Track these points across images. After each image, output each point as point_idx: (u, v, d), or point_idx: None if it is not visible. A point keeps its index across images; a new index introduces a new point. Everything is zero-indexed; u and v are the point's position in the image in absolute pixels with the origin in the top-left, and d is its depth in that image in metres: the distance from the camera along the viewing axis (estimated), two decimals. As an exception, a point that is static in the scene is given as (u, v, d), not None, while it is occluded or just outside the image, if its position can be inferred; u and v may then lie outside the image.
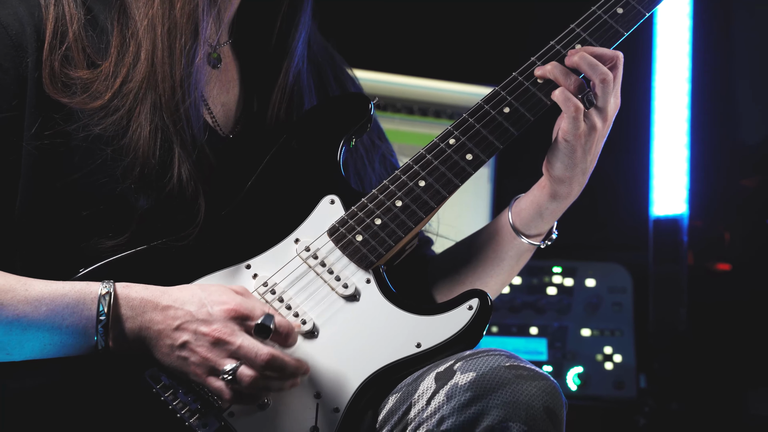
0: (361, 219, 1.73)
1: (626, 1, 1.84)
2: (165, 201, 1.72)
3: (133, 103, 1.72)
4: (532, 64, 1.81)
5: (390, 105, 3.49)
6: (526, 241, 1.88)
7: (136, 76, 1.72)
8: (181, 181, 1.72)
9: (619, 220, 3.73)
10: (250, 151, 1.84)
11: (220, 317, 1.59)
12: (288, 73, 1.90)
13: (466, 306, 1.68)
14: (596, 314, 3.41)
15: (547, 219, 1.86)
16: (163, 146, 1.72)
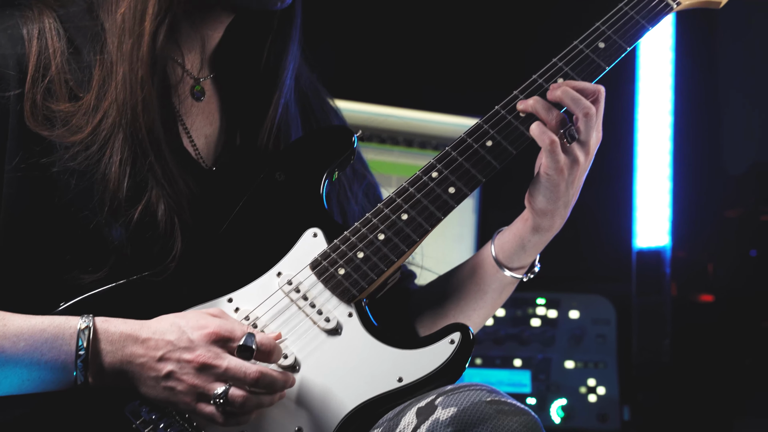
0: (344, 252, 1.73)
1: (608, 35, 1.85)
2: (141, 235, 1.72)
3: (107, 137, 1.72)
4: (514, 98, 1.81)
5: (375, 136, 3.50)
6: (509, 274, 1.88)
7: (113, 111, 1.72)
8: (156, 216, 1.72)
9: (603, 251, 3.74)
10: (232, 183, 1.83)
11: (201, 342, 1.58)
12: (278, 105, 1.90)
13: (448, 340, 1.68)
14: (580, 346, 3.41)
15: (529, 252, 1.86)
16: (136, 181, 1.72)
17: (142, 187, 1.73)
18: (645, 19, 1.87)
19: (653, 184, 3.50)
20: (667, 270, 3.45)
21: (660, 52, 3.55)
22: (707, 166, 3.73)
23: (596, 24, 1.87)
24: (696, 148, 3.63)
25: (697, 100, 3.67)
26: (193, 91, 1.88)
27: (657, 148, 3.51)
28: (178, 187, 1.75)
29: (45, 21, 1.77)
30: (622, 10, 1.87)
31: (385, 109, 3.53)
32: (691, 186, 3.55)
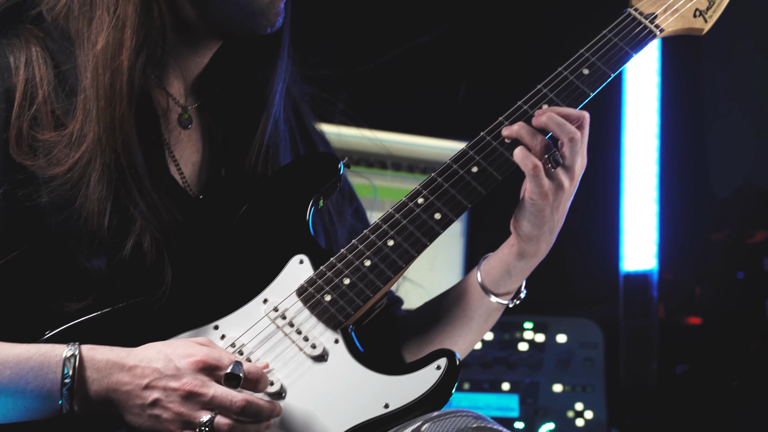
0: (330, 279, 1.73)
1: (592, 62, 1.86)
2: (127, 266, 1.72)
3: (85, 173, 1.71)
4: (499, 124, 1.82)
5: (363, 160, 3.50)
6: (495, 300, 1.89)
7: (92, 147, 1.71)
8: (142, 247, 1.71)
9: (590, 275, 3.75)
10: (219, 211, 1.84)
11: (188, 370, 1.58)
12: (267, 125, 1.90)
13: (435, 366, 1.68)
14: (568, 370, 3.41)
15: (515, 277, 1.87)
16: (120, 214, 1.72)
17: (126, 219, 1.72)
18: (628, 46, 1.88)
19: (640, 208, 3.52)
20: (654, 293, 3.46)
21: (646, 76, 3.57)
22: (693, 190, 3.75)
23: (580, 51, 1.88)
24: (682, 171, 3.65)
25: (683, 124, 3.69)
26: (180, 119, 1.88)
27: (643, 171, 3.52)
28: (163, 219, 1.74)
29: (32, 49, 1.77)
30: (605, 37, 1.88)
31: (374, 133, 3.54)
32: (677, 209, 3.56)
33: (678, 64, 3.64)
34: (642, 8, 1.93)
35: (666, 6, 1.94)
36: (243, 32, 1.84)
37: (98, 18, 1.73)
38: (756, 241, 3.57)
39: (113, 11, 1.72)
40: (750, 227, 3.59)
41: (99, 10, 1.73)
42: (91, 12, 1.74)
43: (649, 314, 3.45)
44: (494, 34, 3.89)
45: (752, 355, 3.49)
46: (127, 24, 1.72)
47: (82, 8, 1.75)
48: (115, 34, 1.72)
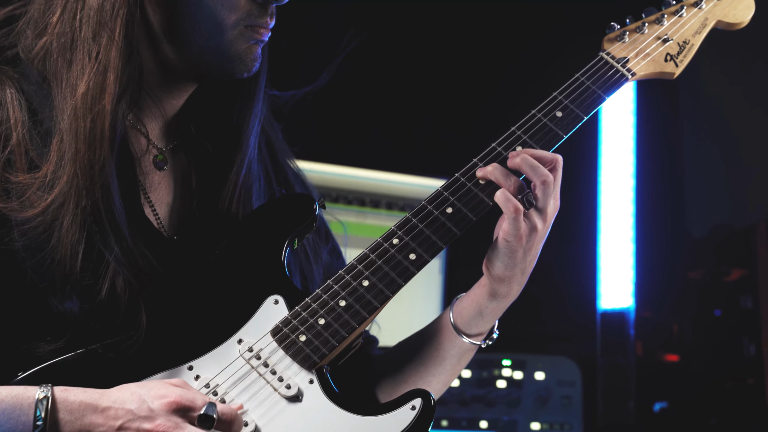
0: (305, 319, 1.74)
1: (565, 104, 1.88)
2: (101, 309, 1.71)
3: (57, 216, 1.70)
4: (474, 165, 1.84)
5: (342, 197, 3.52)
6: (467, 340, 1.90)
7: (66, 190, 1.71)
8: (115, 290, 1.71)
9: (568, 313, 3.77)
10: (194, 251, 1.84)
11: (162, 411, 1.57)
12: (241, 167, 1.91)
13: (409, 406, 1.68)
14: (546, 407, 3.42)
15: (487, 318, 1.88)
16: (92, 257, 1.71)
17: (99, 262, 1.72)
18: (601, 89, 1.90)
19: (617, 247, 3.55)
20: (631, 331, 3.48)
21: (622, 115, 3.61)
22: (670, 229, 3.78)
23: (554, 93, 1.90)
24: (658, 210, 3.68)
25: (659, 163, 3.73)
26: (155, 160, 1.89)
27: (620, 210, 3.56)
28: (137, 263, 1.74)
29: (6, 91, 1.77)
30: (578, 80, 1.91)
31: (352, 171, 3.56)
32: (654, 248, 3.59)
33: (653, 104, 3.68)
34: (614, 52, 1.96)
35: (638, 50, 1.97)
36: (220, 76, 1.85)
37: (79, 61, 1.74)
38: (732, 279, 3.60)
39: (95, 56, 1.73)
40: (726, 266, 3.62)
41: (80, 53, 1.74)
42: (71, 55, 1.75)
43: (626, 352, 3.47)
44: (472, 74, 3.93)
45: (729, 393, 3.51)
46: (110, 69, 1.73)
47: (61, 51, 1.76)
48: (96, 78, 1.72)
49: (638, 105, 3.60)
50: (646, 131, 3.60)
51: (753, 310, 3.45)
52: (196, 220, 1.89)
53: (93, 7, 1.74)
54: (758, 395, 3.38)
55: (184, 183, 1.92)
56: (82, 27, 1.74)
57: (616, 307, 3.51)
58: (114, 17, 1.73)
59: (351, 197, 3.53)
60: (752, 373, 3.43)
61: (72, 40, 1.75)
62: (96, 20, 1.73)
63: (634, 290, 3.51)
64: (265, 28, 1.84)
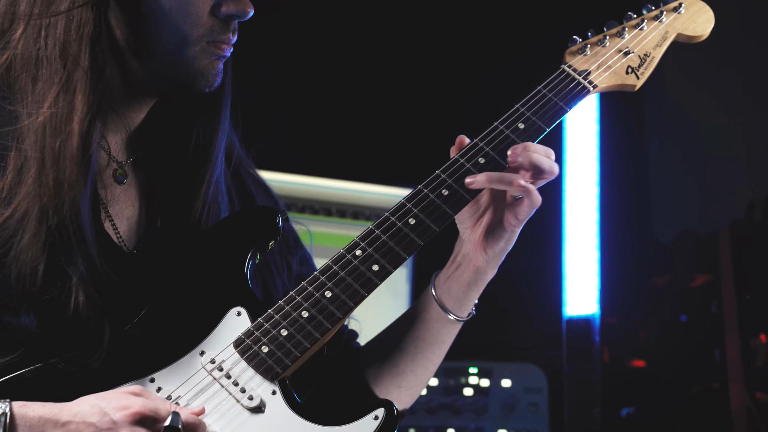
0: (267, 330, 1.74)
1: (527, 116, 1.90)
2: (60, 323, 1.70)
3: (16, 231, 1.69)
4: (437, 177, 1.86)
5: (308, 207, 3.52)
6: (454, 317, 1.93)
7: (27, 206, 1.70)
8: (78, 308, 1.70)
9: (534, 320, 3.80)
10: (155, 265, 1.84)
11: (124, 423, 1.57)
12: (210, 183, 1.91)
13: (372, 416, 1.69)
14: (512, 415, 3.44)
15: (476, 294, 1.92)
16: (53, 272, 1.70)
17: (60, 279, 1.71)
18: (563, 102, 1.92)
19: (581, 254, 3.57)
20: (597, 337, 3.50)
21: (585, 123, 3.64)
22: (634, 235, 3.81)
23: (516, 106, 1.92)
24: (623, 217, 3.71)
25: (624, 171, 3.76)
26: (115, 174, 1.89)
27: (584, 218, 3.58)
28: (99, 279, 1.74)
29: None
30: (540, 93, 1.93)
31: (317, 180, 3.57)
32: (619, 254, 3.62)
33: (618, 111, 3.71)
34: (576, 65, 1.98)
35: (599, 63, 1.99)
36: (183, 90, 1.85)
37: (44, 80, 1.72)
38: (697, 284, 3.63)
39: (61, 77, 1.71)
40: (691, 272, 3.65)
41: (45, 71, 1.73)
42: (36, 71, 1.73)
43: (592, 358, 3.49)
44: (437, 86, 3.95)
45: (696, 398, 3.54)
46: (77, 90, 1.72)
47: (26, 67, 1.74)
48: (65, 97, 1.71)
49: (602, 112, 3.63)
50: (610, 138, 3.63)
51: (717, 316, 3.49)
52: (157, 234, 1.89)
53: (58, 25, 1.72)
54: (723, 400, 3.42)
55: (144, 197, 1.92)
56: (47, 45, 1.73)
57: (581, 313, 3.54)
58: (80, 36, 1.72)
59: (317, 207, 3.54)
60: (717, 378, 3.46)
61: (37, 58, 1.74)
62: (62, 39, 1.72)
63: (599, 297, 3.53)
64: (227, 44, 1.84)
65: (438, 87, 3.95)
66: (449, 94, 3.93)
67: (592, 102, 3.61)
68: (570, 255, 3.58)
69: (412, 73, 3.95)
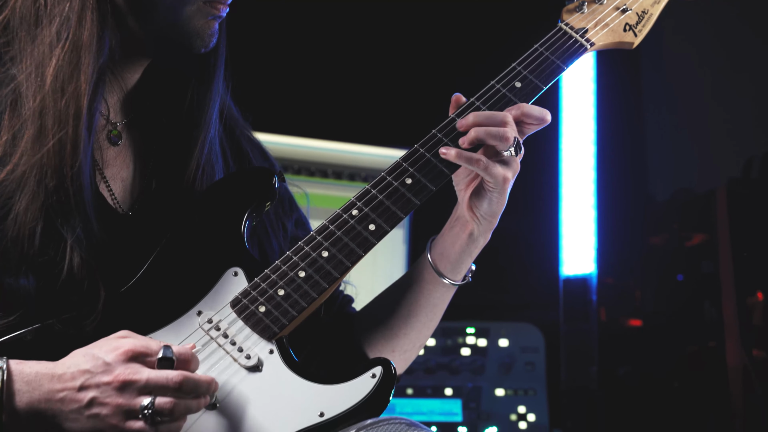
0: (264, 290, 1.75)
1: (524, 75, 1.89)
2: (57, 285, 1.71)
3: (13, 191, 1.70)
4: (432, 137, 1.85)
5: (304, 168, 3.52)
6: (450, 281, 1.92)
7: (25, 168, 1.70)
8: (72, 269, 1.71)
9: (530, 280, 3.81)
10: (150, 227, 1.83)
11: (118, 361, 1.58)
12: (204, 145, 1.90)
13: (370, 374, 1.70)
14: (510, 374, 3.45)
15: (470, 258, 1.91)
16: (49, 233, 1.71)
17: (56, 238, 1.71)
18: (560, 60, 1.91)
19: (578, 213, 3.57)
20: (594, 297, 3.51)
21: (582, 81, 3.62)
22: (631, 194, 3.81)
23: (513, 64, 1.91)
24: (620, 176, 3.71)
25: (621, 129, 3.75)
26: (110, 135, 1.88)
27: (581, 177, 3.58)
28: (95, 239, 1.74)
29: None
30: (537, 51, 1.92)
31: (313, 142, 3.56)
32: (615, 214, 3.62)
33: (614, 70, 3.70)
34: (573, 23, 1.97)
35: (596, 21, 1.98)
36: (178, 50, 1.85)
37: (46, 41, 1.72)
38: (694, 243, 3.64)
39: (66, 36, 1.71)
40: (688, 231, 3.66)
41: (46, 30, 1.72)
42: (36, 30, 1.73)
43: (588, 318, 3.50)
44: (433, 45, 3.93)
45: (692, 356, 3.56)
46: (83, 48, 1.72)
47: (24, 27, 1.74)
48: (70, 57, 1.71)
49: (599, 71, 3.62)
50: (607, 97, 3.62)
51: (713, 275, 3.50)
52: (151, 196, 1.89)
53: None
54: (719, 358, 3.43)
55: (139, 159, 1.91)
56: (47, 4, 1.72)
57: (578, 273, 3.54)
58: None
59: (313, 169, 3.53)
60: (713, 336, 3.47)
61: (36, 17, 1.73)
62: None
63: (596, 256, 3.54)
64: (223, 4, 1.84)
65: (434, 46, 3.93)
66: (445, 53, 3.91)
67: (589, 61, 3.59)
68: (567, 215, 3.58)
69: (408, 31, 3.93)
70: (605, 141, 3.59)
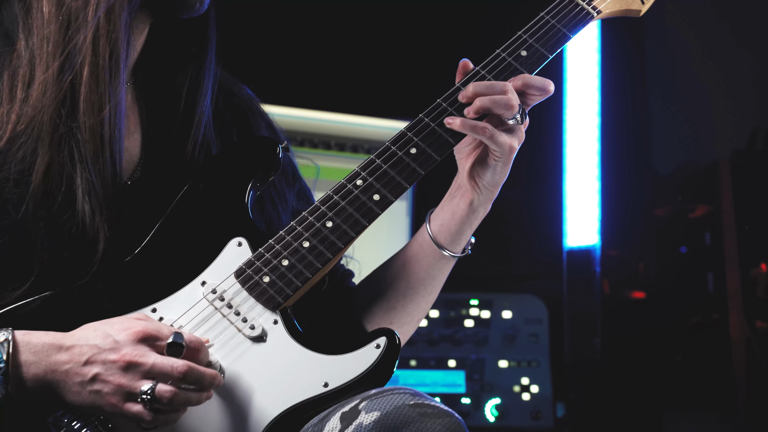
0: (268, 260, 1.74)
1: (530, 44, 1.88)
2: (67, 245, 1.71)
3: (27, 144, 1.71)
4: (437, 106, 1.84)
5: (307, 140, 3.51)
6: (449, 253, 1.90)
7: (40, 119, 1.71)
8: (84, 223, 1.71)
9: (535, 251, 3.80)
10: (152, 196, 1.83)
11: (127, 341, 1.58)
12: (203, 114, 1.90)
13: (374, 345, 1.70)
14: (513, 346, 3.45)
15: (470, 229, 1.90)
16: (64, 186, 1.72)
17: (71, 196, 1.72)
18: (566, 28, 1.90)
19: (582, 185, 3.56)
20: (597, 268, 3.51)
21: (587, 53, 3.61)
22: (635, 166, 3.80)
23: (518, 33, 1.90)
24: (624, 148, 3.69)
25: (625, 101, 3.74)
26: None
27: (585, 148, 3.57)
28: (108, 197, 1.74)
29: None
30: (543, 19, 1.90)
31: (316, 114, 3.55)
32: (619, 185, 3.61)
33: (619, 41, 3.68)
34: (580, -10, 1.95)
35: (603, -12, 1.96)
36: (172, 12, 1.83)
37: None
38: (697, 215, 3.63)
39: None
40: (691, 202, 3.65)
41: None
42: None
43: (592, 290, 3.50)
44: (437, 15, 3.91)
45: (695, 328, 3.56)
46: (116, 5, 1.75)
47: None
48: None
49: (603, 42, 3.60)
50: (611, 69, 3.60)
51: (717, 247, 3.49)
52: (151, 165, 1.88)
53: None
54: (722, 330, 3.43)
55: (138, 128, 1.91)
56: None
57: (582, 245, 3.53)
58: None
59: (316, 140, 3.52)
60: (717, 308, 3.47)
61: None
62: None
63: (599, 228, 3.53)
64: None
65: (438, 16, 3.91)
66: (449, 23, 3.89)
67: (593, 32, 3.57)
68: (571, 186, 3.57)
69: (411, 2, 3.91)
70: (609, 112, 3.58)
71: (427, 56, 3.80)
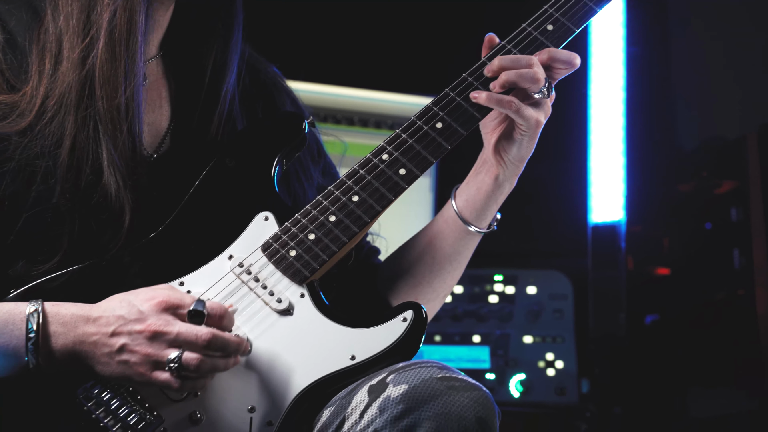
0: (295, 234, 1.75)
1: (556, 18, 1.87)
2: (95, 217, 1.73)
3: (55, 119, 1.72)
4: (463, 80, 1.84)
5: (330, 116, 3.51)
6: (475, 229, 1.91)
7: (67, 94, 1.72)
8: (110, 195, 1.72)
9: (559, 227, 3.79)
10: (178, 170, 1.84)
11: (152, 311, 1.60)
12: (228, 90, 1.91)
13: (401, 318, 1.70)
14: (538, 321, 3.45)
15: (496, 204, 1.91)
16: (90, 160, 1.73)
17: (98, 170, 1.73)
18: (592, 2, 1.89)
19: (607, 160, 3.55)
20: (623, 244, 3.50)
21: (612, 29, 3.58)
22: (660, 141, 3.77)
23: (544, 7, 1.89)
24: (649, 123, 3.67)
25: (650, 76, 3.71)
26: None
27: (610, 124, 3.55)
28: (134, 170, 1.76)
29: None
30: None
31: (339, 90, 3.54)
32: (644, 161, 3.59)
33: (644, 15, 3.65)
34: (606, -36, 1.94)
35: (629, -40, 1.95)
36: None
37: None
38: (722, 191, 3.61)
39: None
40: (716, 178, 3.63)
41: None
42: None
43: (617, 265, 3.49)
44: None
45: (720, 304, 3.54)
46: None
47: None
48: None
49: (628, 17, 3.57)
50: (635, 43, 3.58)
51: (743, 222, 3.47)
52: (176, 140, 1.88)
53: None
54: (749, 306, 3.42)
55: (163, 102, 1.91)
56: None
57: (607, 220, 3.52)
58: None
59: (339, 116, 3.52)
60: (742, 284, 3.46)
61: None
62: None
63: (625, 203, 3.52)
64: None
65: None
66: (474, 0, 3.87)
67: (619, 5, 3.55)
68: (596, 161, 3.56)
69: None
70: (634, 87, 3.56)
71: (451, 31, 3.79)
